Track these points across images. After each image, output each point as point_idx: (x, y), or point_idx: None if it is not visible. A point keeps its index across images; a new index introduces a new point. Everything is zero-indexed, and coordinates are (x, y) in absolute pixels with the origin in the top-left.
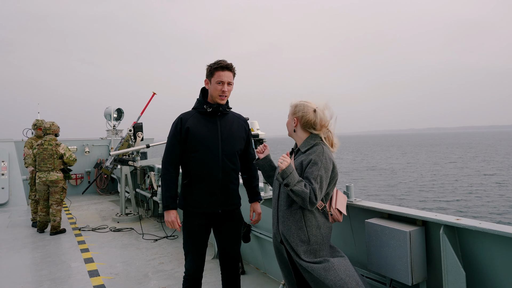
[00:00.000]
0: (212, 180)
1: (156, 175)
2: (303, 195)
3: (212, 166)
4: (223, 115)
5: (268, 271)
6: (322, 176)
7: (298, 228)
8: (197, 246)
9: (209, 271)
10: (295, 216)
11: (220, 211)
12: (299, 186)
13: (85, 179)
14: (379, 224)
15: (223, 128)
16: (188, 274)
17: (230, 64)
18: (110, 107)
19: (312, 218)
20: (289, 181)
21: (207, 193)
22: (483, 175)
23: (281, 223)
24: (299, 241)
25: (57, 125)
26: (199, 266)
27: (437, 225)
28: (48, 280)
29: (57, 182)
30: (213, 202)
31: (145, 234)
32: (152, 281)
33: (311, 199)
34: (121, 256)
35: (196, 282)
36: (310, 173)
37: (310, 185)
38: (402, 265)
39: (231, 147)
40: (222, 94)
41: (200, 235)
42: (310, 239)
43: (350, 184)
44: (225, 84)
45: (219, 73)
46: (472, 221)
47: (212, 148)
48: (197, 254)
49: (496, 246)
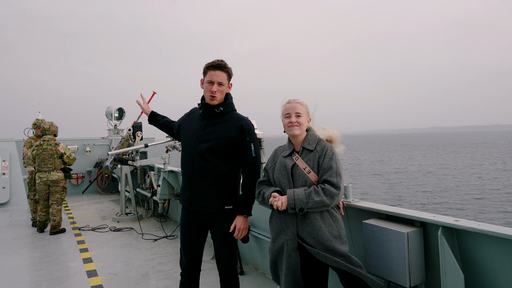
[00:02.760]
0: (186, 178)
1: (156, 174)
2: (321, 204)
3: (186, 164)
4: (212, 115)
5: (267, 272)
6: (339, 166)
7: (328, 225)
8: (185, 242)
9: (207, 271)
10: (322, 214)
11: (191, 209)
12: (311, 201)
13: (86, 179)
14: (377, 225)
15: (206, 128)
16: (182, 269)
17: (222, 63)
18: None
19: (334, 213)
20: (300, 206)
21: (184, 188)
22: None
23: (307, 226)
24: (332, 237)
25: (56, 126)
26: (190, 262)
27: (435, 226)
28: (46, 280)
29: (58, 181)
30: (187, 198)
31: (145, 234)
32: (151, 281)
33: (332, 196)
34: (120, 256)
35: (190, 279)
36: (329, 167)
37: (327, 182)
38: (400, 267)
39: (206, 149)
40: (212, 95)
41: (187, 231)
42: (341, 233)
43: (348, 184)
44: (215, 84)
45: (210, 72)
46: (471, 223)
47: (190, 146)
48: (187, 251)
49: (495, 248)
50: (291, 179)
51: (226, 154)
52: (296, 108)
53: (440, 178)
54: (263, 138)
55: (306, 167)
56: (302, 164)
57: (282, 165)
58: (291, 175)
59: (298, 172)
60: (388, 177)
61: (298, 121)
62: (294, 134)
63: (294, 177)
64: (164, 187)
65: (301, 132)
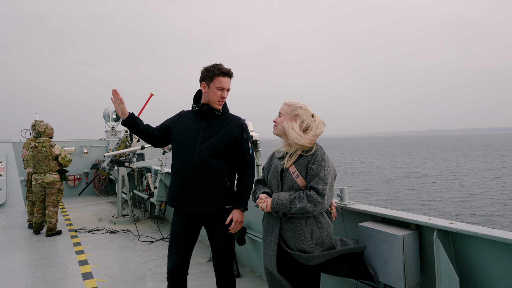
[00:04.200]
0: (185, 179)
1: (153, 176)
2: (303, 210)
3: (186, 165)
4: (211, 116)
5: (263, 274)
6: (327, 173)
7: (311, 231)
8: (178, 246)
9: (204, 274)
10: (307, 220)
11: (191, 211)
12: (294, 207)
13: (83, 180)
14: (372, 227)
15: (206, 129)
16: (168, 273)
17: (231, 71)
18: (109, 108)
19: (321, 219)
20: (283, 211)
21: (181, 191)
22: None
23: (290, 229)
24: (314, 244)
25: (51, 128)
26: (179, 266)
27: (431, 229)
28: (41, 282)
29: (53, 183)
30: (185, 201)
31: (141, 236)
32: (147, 284)
33: (316, 204)
34: (116, 258)
35: (177, 283)
36: (316, 174)
37: (313, 189)
38: (395, 270)
39: (210, 149)
40: (222, 100)
41: (182, 235)
42: (324, 240)
43: (343, 187)
44: (225, 90)
45: (220, 79)
46: (466, 226)
47: (189, 147)
48: (177, 254)
49: (490, 251)
50: (280, 182)
51: (227, 153)
52: (281, 109)
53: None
54: (259, 140)
55: (295, 171)
56: (292, 168)
57: (274, 167)
58: (280, 178)
59: (287, 175)
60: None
61: (275, 121)
62: (274, 133)
63: (283, 180)
64: (161, 189)
65: (278, 132)
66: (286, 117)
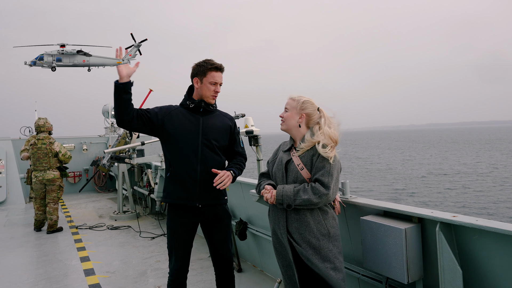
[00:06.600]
0: (190, 173)
1: (153, 172)
2: (308, 202)
3: (190, 158)
4: (207, 111)
5: (265, 269)
6: (333, 166)
7: (317, 222)
8: (180, 246)
9: (206, 269)
10: (312, 211)
11: (199, 205)
12: (298, 199)
13: (83, 177)
14: (375, 221)
15: (205, 122)
16: (172, 275)
17: (222, 66)
18: (108, 104)
19: (327, 210)
20: (287, 202)
21: (185, 186)
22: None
23: (296, 221)
24: (320, 234)
25: (50, 123)
26: (183, 266)
27: (433, 222)
28: (43, 279)
29: (53, 180)
30: (191, 195)
31: (143, 232)
32: (149, 280)
33: (321, 196)
34: (118, 254)
35: (181, 283)
36: (322, 166)
37: (318, 181)
38: (398, 263)
39: (212, 140)
40: (215, 94)
41: (184, 234)
42: (330, 231)
43: (345, 181)
44: (218, 84)
45: (213, 73)
46: (469, 218)
47: (191, 141)
48: (181, 254)
49: (493, 244)
50: (284, 174)
51: (225, 145)
52: (286, 104)
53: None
54: (260, 135)
55: (300, 163)
56: (296, 160)
57: (279, 159)
58: (285, 170)
59: (292, 167)
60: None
61: (282, 116)
62: (281, 129)
63: (287, 172)
64: (162, 185)
65: (286, 128)
66: (292, 111)
